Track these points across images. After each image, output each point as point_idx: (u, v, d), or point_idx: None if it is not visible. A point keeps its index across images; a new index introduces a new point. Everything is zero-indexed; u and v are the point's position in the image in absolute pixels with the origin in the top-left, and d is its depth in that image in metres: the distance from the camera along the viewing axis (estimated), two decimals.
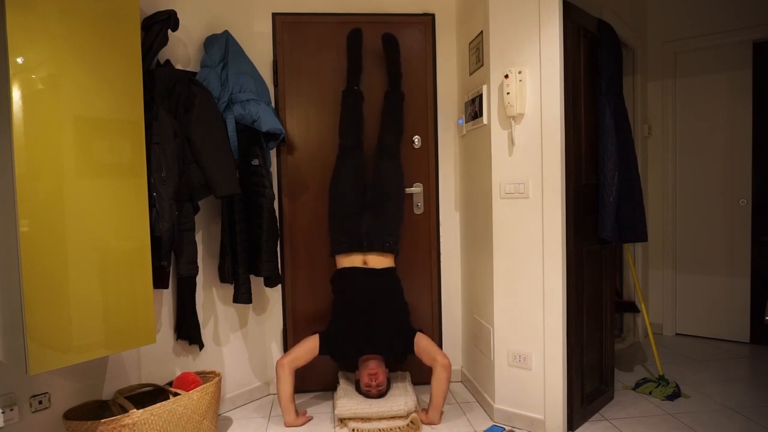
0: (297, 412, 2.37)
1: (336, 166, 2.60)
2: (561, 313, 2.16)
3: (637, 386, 2.68)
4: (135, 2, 1.80)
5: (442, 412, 2.37)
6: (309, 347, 2.34)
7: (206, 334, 2.45)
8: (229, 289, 2.51)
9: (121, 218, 1.75)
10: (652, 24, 3.61)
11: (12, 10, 1.48)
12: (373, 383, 2.33)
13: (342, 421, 2.31)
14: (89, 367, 2.03)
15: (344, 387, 2.49)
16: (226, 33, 2.40)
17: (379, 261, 2.47)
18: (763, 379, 2.77)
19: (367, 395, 2.37)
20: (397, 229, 2.56)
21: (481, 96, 2.37)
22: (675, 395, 2.55)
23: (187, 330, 2.30)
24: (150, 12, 2.08)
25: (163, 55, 2.24)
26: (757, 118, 3.39)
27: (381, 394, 2.38)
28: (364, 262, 2.47)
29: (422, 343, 2.36)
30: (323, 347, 2.35)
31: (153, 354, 2.25)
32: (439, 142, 2.81)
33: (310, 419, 2.40)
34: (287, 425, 2.33)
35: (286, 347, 2.75)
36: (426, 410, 2.38)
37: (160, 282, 2.14)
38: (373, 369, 2.34)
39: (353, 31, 2.61)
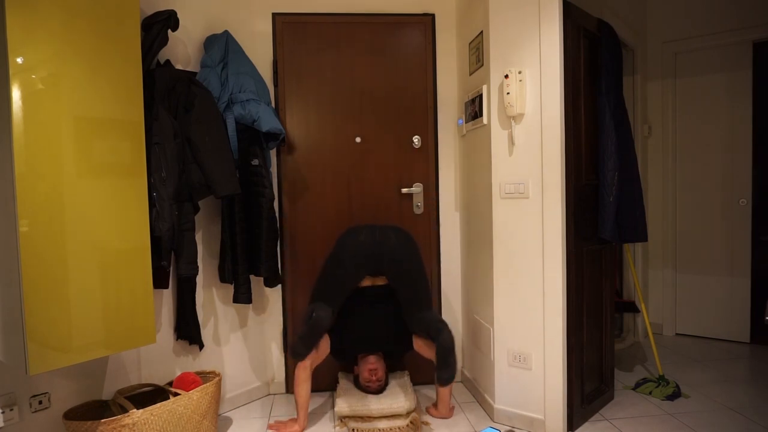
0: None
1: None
2: (561, 313, 2.16)
3: (637, 386, 2.68)
4: (135, 2, 1.80)
5: (452, 407, 2.44)
6: (324, 347, 2.34)
7: (206, 334, 2.45)
8: (229, 289, 2.51)
9: (121, 218, 1.75)
10: (652, 24, 3.61)
11: (12, 10, 1.48)
12: (374, 378, 2.37)
13: (342, 419, 2.31)
14: (89, 367, 2.03)
15: (344, 386, 2.50)
16: (226, 33, 2.40)
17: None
18: (763, 379, 2.77)
19: (367, 390, 2.40)
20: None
21: (481, 96, 2.37)
22: (675, 395, 2.55)
23: (187, 330, 2.30)
24: (150, 12, 2.08)
25: (163, 55, 2.23)
26: (757, 118, 3.38)
27: (380, 389, 2.41)
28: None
29: (420, 340, 2.39)
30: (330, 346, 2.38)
31: (153, 354, 2.25)
32: (439, 142, 2.81)
33: None
34: (300, 430, 2.28)
35: (287, 347, 2.75)
36: (435, 405, 2.44)
37: (160, 282, 2.14)
38: (373, 364, 2.37)
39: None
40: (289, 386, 2.77)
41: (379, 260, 2.32)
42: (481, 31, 2.37)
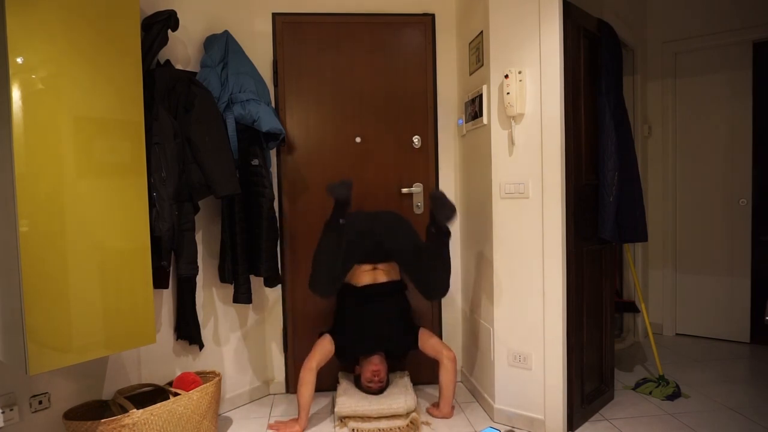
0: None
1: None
2: (561, 313, 2.16)
3: (637, 386, 2.68)
4: (135, 2, 1.80)
5: (453, 407, 2.42)
6: (328, 348, 2.35)
7: (206, 334, 2.45)
8: (229, 289, 2.51)
9: (121, 218, 1.75)
10: (652, 24, 3.60)
11: (12, 10, 1.48)
12: (376, 379, 2.38)
13: (342, 420, 2.31)
14: (89, 367, 2.03)
15: (344, 386, 2.50)
16: (226, 33, 2.40)
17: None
18: (763, 379, 2.77)
19: (368, 390, 2.41)
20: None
21: (481, 96, 2.37)
22: (675, 395, 2.55)
23: (187, 330, 2.30)
24: (150, 12, 2.08)
25: (163, 55, 2.23)
26: (757, 118, 3.38)
27: (381, 390, 2.42)
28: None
29: (426, 337, 2.41)
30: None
31: (153, 354, 2.25)
32: (439, 142, 2.81)
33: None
34: (300, 430, 2.28)
35: (287, 347, 2.75)
36: (437, 405, 2.43)
37: (160, 282, 2.14)
38: (376, 365, 2.37)
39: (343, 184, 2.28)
40: (290, 386, 2.77)
41: (376, 233, 2.39)
42: (481, 31, 2.37)
